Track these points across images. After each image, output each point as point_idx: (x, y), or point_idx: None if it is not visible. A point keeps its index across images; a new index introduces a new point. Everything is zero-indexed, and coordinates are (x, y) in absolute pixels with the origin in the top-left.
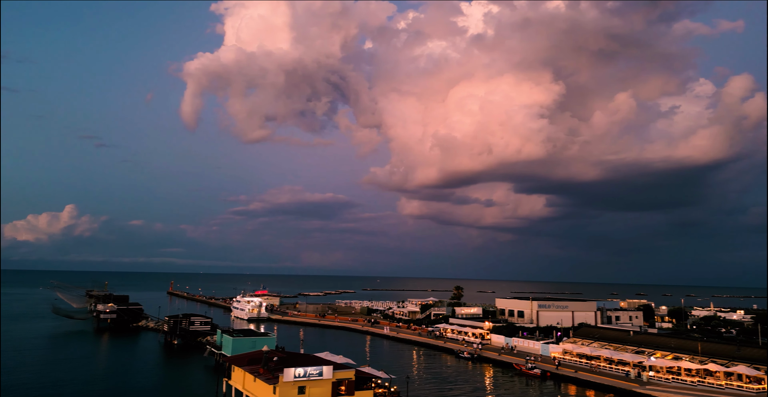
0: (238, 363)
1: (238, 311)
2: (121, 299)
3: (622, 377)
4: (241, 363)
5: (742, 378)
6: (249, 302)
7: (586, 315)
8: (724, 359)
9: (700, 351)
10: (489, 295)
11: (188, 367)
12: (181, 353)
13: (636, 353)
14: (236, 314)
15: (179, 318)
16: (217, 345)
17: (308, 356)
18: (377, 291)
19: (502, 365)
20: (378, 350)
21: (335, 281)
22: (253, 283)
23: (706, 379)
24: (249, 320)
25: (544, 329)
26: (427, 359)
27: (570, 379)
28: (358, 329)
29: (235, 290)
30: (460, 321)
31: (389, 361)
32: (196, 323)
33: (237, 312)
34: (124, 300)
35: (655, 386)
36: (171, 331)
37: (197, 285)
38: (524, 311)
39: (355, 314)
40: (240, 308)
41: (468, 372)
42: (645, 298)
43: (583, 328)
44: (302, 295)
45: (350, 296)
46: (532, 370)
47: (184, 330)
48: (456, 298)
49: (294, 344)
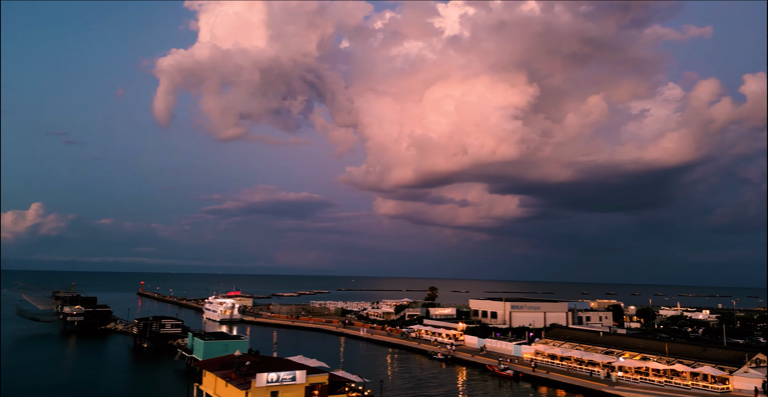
0: (209, 368)
1: (210, 312)
2: (89, 300)
3: (592, 378)
4: (213, 368)
5: (708, 378)
6: (221, 304)
7: (558, 316)
8: (690, 359)
9: (667, 352)
10: (463, 295)
11: (158, 371)
12: (151, 356)
13: (605, 353)
14: (208, 315)
15: (149, 321)
16: (188, 349)
17: (281, 359)
18: (352, 291)
19: (476, 366)
20: (352, 353)
21: (310, 281)
22: (225, 283)
23: (672, 379)
24: (221, 321)
25: (517, 329)
26: (401, 360)
27: (541, 380)
28: (333, 331)
29: (207, 291)
30: (434, 322)
31: (363, 363)
32: (166, 326)
33: (209, 314)
34: (91, 302)
35: (624, 387)
36: (140, 334)
37: (168, 286)
38: (497, 311)
39: (329, 315)
40: (212, 309)
41: (441, 374)
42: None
43: (554, 329)
44: (276, 296)
45: (325, 296)
46: (505, 371)
47: (154, 333)
48: (430, 299)
49: (267, 346)
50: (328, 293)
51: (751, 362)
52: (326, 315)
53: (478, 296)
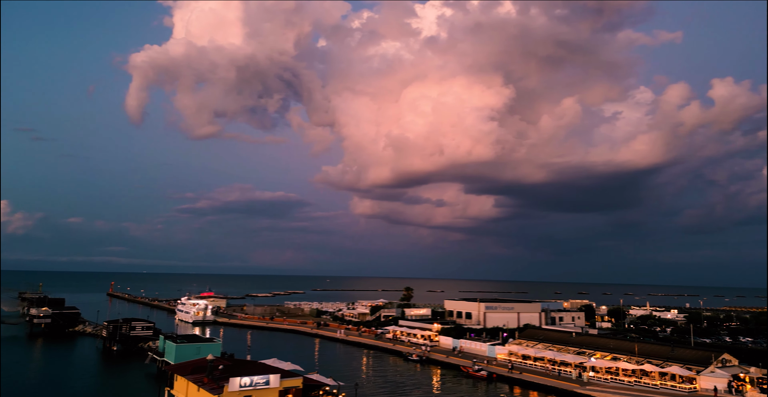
0: (181, 372)
1: (182, 313)
2: (57, 302)
3: (564, 378)
4: (185, 372)
5: (676, 378)
6: (194, 305)
7: (531, 316)
8: (659, 359)
9: (636, 352)
10: (438, 295)
11: (128, 375)
12: (121, 359)
13: (578, 354)
14: (181, 316)
15: (119, 323)
16: (160, 352)
17: (255, 363)
18: (327, 291)
19: (450, 367)
20: (327, 355)
21: (284, 281)
22: (199, 284)
23: (642, 379)
24: (194, 323)
25: (491, 330)
26: (376, 362)
27: (515, 380)
28: (308, 332)
29: (180, 292)
30: (409, 323)
31: (339, 366)
32: (137, 328)
33: (181, 315)
34: (59, 303)
35: (595, 386)
36: (110, 336)
37: (140, 286)
38: (472, 312)
39: (304, 316)
40: (185, 310)
41: (416, 375)
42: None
43: (528, 329)
44: (250, 296)
45: (300, 297)
46: (479, 372)
47: (124, 336)
48: (406, 299)
49: (241, 348)
50: (303, 294)
51: (718, 362)
52: (301, 316)
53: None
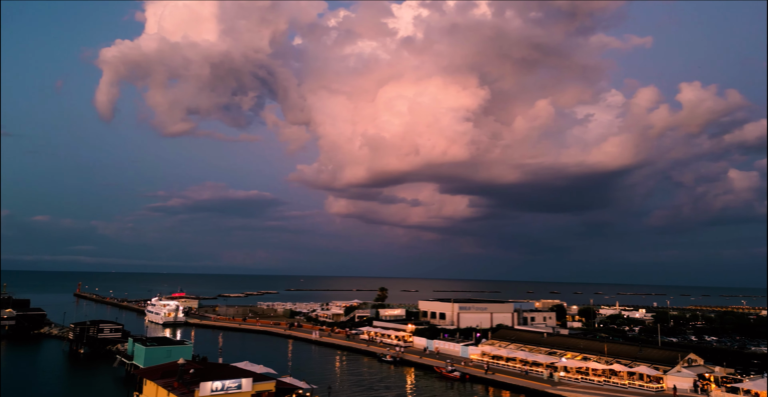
0: (150, 376)
1: (152, 315)
2: (22, 303)
3: (536, 378)
4: (154, 376)
5: (643, 378)
6: (165, 306)
7: (504, 316)
8: (628, 359)
9: (606, 352)
10: (413, 294)
11: (95, 379)
12: (88, 363)
13: (549, 354)
14: (151, 318)
15: (86, 325)
16: (128, 355)
17: (226, 366)
18: (301, 291)
19: (424, 368)
20: (301, 357)
21: (258, 280)
22: (170, 284)
23: (611, 378)
24: (164, 324)
25: (465, 330)
26: (350, 363)
27: (488, 381)
28: (281, 333)
29: (151, 292)
30: (383, 324)
31: (312, 368)
32: (105, 330)
33: (151, 316)
34: (24, 305)
35: (566, 386)
36: (77, 339)
37: (108, 286)
38: (446, 313)
39: (277, 317)
40: (155, 311)
41: (390, 377)
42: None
43: (500, 330)
44: (222, 296)
45: (273, 297)
46: (452, 373)
47: (91, 338)
48: (380, 299)
49: (213, 350)
50: (276, 294)
51: (684, 361)
52: (274, 317)
53: (428, 295)
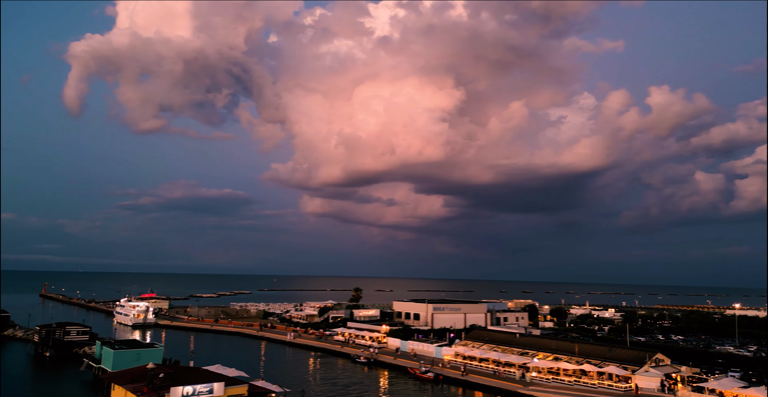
0: (118, 381)
1: (121, 316)
2: None
3: (508, 379)
4: (123, 381)
5: (613, 377)
6: (134, 307)
7: (477, 317)
8: (598, 359)
9: (577, 352)
10: (387, 294)
11: (61, 383)
12: (54, 367)
13: (521, 354)
14: (120, 319)
15: (53, 327)
16: (96, 358)
17: (198, 370)
18: (275, 292)
19: (398, 369)
20: (274, 359)
21: (230, 280)
22: (140, 284)
23: (581, 378)
24: (134, 326)
25: (439, 331)
26: (323, 365)
27: (461, 382)
28: (254, 335)
29: (119, 293)
30: (358, 325)
31: (285, 370)
32: (72, 333)
33: (120, 318)
34: None
35: (537, 387)
36: (42, 341)
37: (75, 287)
38: (420, 313)
39: (249, 318)
40: (124, 313)
41: (364, 378)
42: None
43: (474, 330)
44: (194, 297)
45: (246, 297)
46: (426, 374)
47: (57, 341)
48: (355, 300)
49: (184, 353)
50: (249, 294)
51: (652, 361)
52: (246, 318)
53: (402, 295)
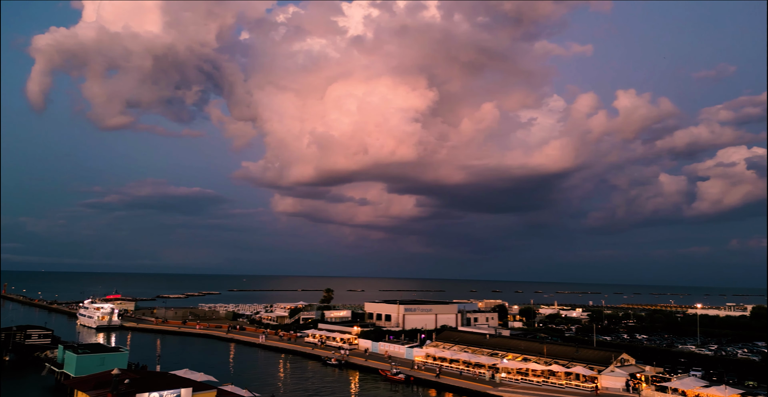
0: (82, 387)
1: (85, 318)
2: None
3: (479, 380)
4: (86, 387)
5: (580, 378)
6: (98, 309)
7: (448, 318)
8: (565, 359)
9: (545, 353)
10: (359, 294)
11: (22, 389)
12: (14, 372)
13: (491, 355)
14: (83, 321)
15: (12, 331)
16: (58, 363)
17: (165, 375)
18: (244, 292)
19: (369, 371)
20: (244, 362)
21: (199, 280)
22: (105, 284)
23: (549, 379)
24: (98, 329)
25: (410, 332)
26: (294, 368)
27: (432, 383)
28: (223, 337)
29: (83, 294)
30: (329, 326)
31: (255, 374)
32: (33, 336)
33: (84, 320)
34: None
35: (507, 387)
36: (2, 345)
37: (37, 287)
38: (391, 314)
39: (218, 319)
40: (87, 315)
41: (335, 380)
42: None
43: (445, 331)
44: (161, 297)
45: (215, 298)
46: (397, 375)
47: (17, 344)
48: (326, 301)
49: (150, 357)
50: (218, 294)
51: (617, 361)
52: (215, 319)
53: (374, 295)
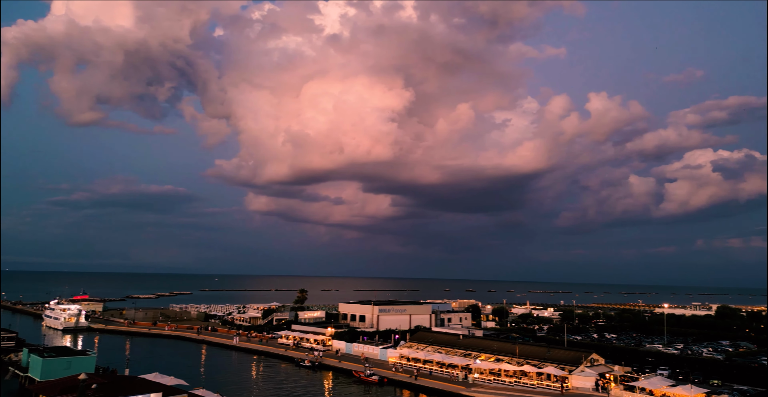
0: (47, 392)
1: (51, 319)
2: None
3: (452, 380)
4: (52, 392)
5: (551, 378)
6: (65, 310)
7: (423, 318)
8: (537, 360)
9: (517, 353)
10: (333, 294)
11: None
12: None
13: (464, 356)
14: (49, 323)
15: None
16: (23, 366)
17: (134, 379)
18: (217, 292)
19: (343, 372)
20: (216, 364)
21: (170, 280)
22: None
23: (521, 379)
24: (65, 330)
25: (384, 332)
26: (267, 370)
27: (405, 384)
28: (194, 338)
29: (49, 295)
30: (302, 327)
31: (227, 377)
32: None
33: (50, 321)
34: None
35: (480, 388)
36: None
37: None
38: (366, 315)
39: (189, 320)
40: (54, 316)
41: (308, 382)
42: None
43: (419, 332)
44: (131, 298)
45: (186, 298)
46: (371, 377)
47: None
48: (300, 302)
49: (119, 360)
50: (190, 294)
51: (587, 361)
52: (187, 321)
53: (348, 294)
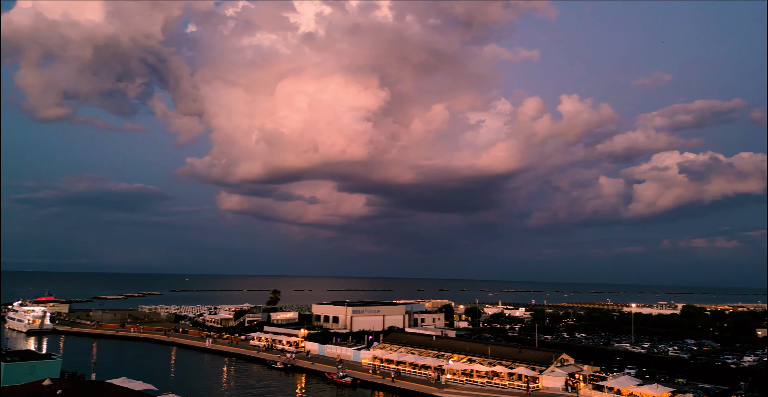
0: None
1: (14, 322)
2: None
3: (425, 381)
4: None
5: (522, 378)
6: (29, 312)
7: (396, 319)
8: (508, 360)
9: (489, 354)
10: (307, 294)
11: None
12: None
13: (437, 357)
14: (12, 325)
15: None
16: None
17: (101, 384)
18: (187, 292)
19: (315, 374)
20: (185, 367)
21: (139, 280)
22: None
23: (493, 380)
24: (28, 333)
25: (358, 334)
26: (238, 373)
27: (378, 386)
28: (164, 341)
29: (12, 296)
30: (275, 329)
31: (198, 380)
32: None
33: (13, 323)
34: None
35: (452, 389)
36: None
37: None
38: (339, 316)
39: (159, 322)
40: (17, 318)
41: (280, 385)
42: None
43: (392, 333)
44: (98, 299)
45: (156, 298)
46: (344, 379)
47: None
48: (272, 302)
49: (85, 363)
50: (160, 295)
51: (557, 361)
52: (156, 322)
53: (322, 294)
